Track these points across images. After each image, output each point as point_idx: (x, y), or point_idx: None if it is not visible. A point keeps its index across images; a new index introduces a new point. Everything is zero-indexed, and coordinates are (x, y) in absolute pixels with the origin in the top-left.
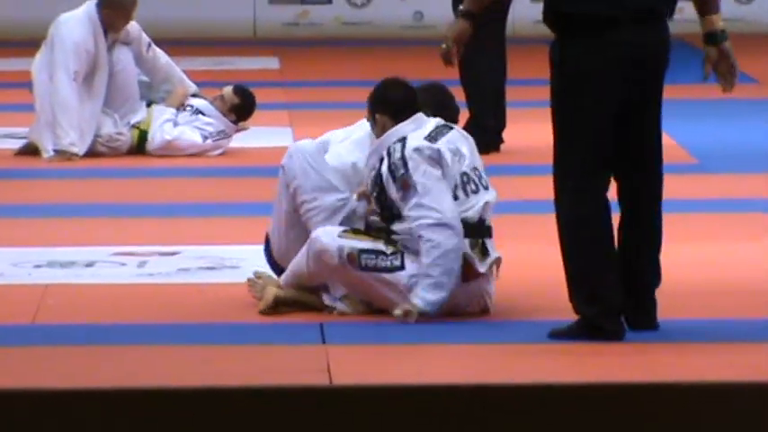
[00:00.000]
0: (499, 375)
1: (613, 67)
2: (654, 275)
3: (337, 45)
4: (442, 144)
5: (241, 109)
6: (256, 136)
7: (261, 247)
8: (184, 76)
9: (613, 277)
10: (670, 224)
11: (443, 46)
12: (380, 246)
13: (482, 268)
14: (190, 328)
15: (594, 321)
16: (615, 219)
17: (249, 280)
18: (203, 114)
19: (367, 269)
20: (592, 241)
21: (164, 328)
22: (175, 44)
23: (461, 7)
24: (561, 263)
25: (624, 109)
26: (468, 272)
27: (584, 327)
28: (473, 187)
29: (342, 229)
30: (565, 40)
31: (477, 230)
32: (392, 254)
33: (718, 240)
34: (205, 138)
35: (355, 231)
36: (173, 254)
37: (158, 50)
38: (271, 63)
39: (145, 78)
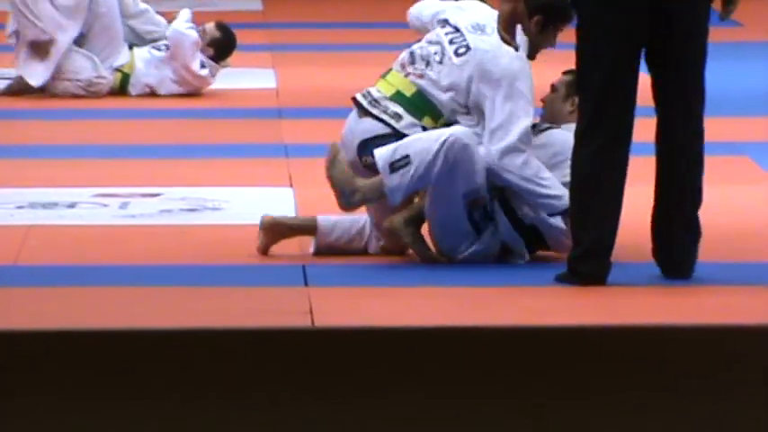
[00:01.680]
0: (481, 317)
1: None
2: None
3: None
4: None
5: (220, 44)
6: (239, 77)
7: (244, 189)
8: (159, 17)
9: (596, 219)
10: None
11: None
12: None
13: None
14: (172, 270)
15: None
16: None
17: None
18: None
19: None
20: (589, 182)
21: (145, 269)
22: None
23: None
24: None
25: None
26: None
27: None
28: None
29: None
30: None
31: None
32: None
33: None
34: (202, 66)
35: None
36: (154, 195)
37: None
38: (253, 4)
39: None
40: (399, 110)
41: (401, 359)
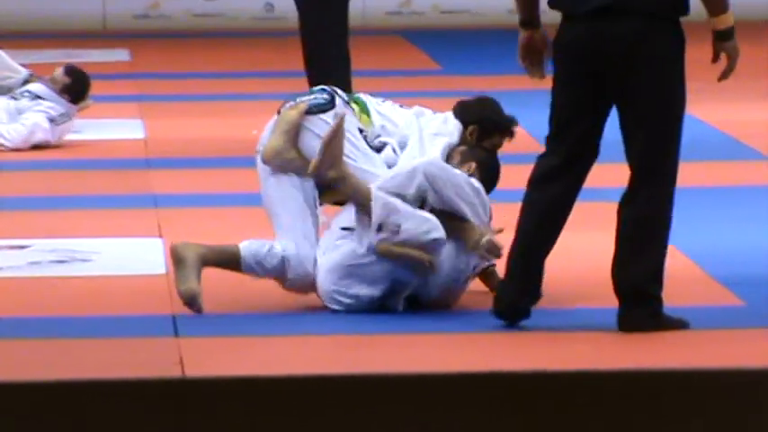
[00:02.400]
0: (353, 365)
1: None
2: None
3: (188, 37)
4: None
5: (73, 88)
6: (107, 128)
7: (113, 240)
8: (15, 64)
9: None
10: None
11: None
12: None
13: None
14: (41, 322)
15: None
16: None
17: None
18: (42, 98)
19: None
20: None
21: (14, 321)
22: (23, 37)
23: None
24: None
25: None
26: None
27: None
28: None
29: None
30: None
31: None
32: None
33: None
34: (52, 121)
35: None
36: (23, 247)
37: None
38: (121, 55)
39: None
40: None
41: (273, 408)
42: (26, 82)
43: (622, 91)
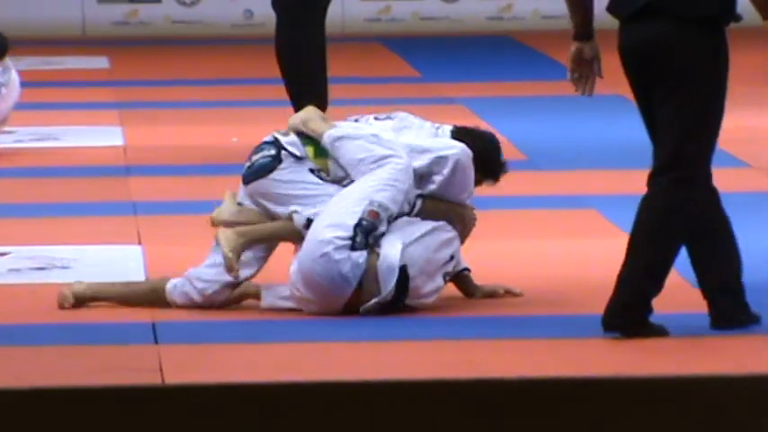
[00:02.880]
0: (331, 372)
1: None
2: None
3: (168, 44)
4: None
5: None
6: (85, 135)
7: (92, 248)
8: None
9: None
10: (503, 220)
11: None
12: None
13: None
14: (21, 329)
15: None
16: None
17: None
18: None
19: None
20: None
21: None
22: None
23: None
24: None
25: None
26: None
27: None
28: None
29: None
30: None
31: None
32: None
33: (550, 237)
34: None
35: None
36: (2, 254)
37: None
38: (100, 62)
39: None
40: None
41: (253, 415)
42: None
43: (656, 93)
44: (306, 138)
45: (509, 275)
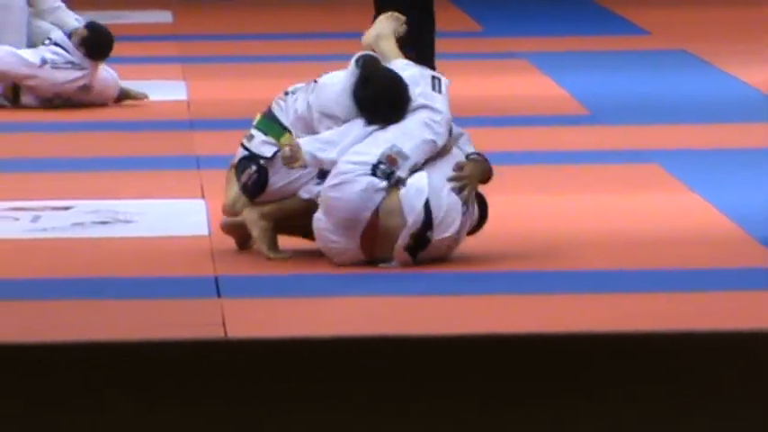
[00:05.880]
0: (392, 327)
1: None
2: None
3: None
4: None
5: (89, 42)
6: (150, 89)
7: (156, 202)
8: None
9: None
10: (565, 175)
11: None
12: None
13: None
14: (84, 283)
15: None
16: None
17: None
18: (57, 45)
19: None
20: None
21: (58, 282)
22: None
23: None
24: None
25: None
26: None
27: None
28: None
29: None
30: None
31: None
32: None
33: (613, 192)
34: (44, 62)
35: None
36: (66, 208)
37: None
38: (164, 17)
39: (42, 24)
40: (253, 131)
41: (316, 370)
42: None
43: None
44: (271, 125)
45: (571, 230)
